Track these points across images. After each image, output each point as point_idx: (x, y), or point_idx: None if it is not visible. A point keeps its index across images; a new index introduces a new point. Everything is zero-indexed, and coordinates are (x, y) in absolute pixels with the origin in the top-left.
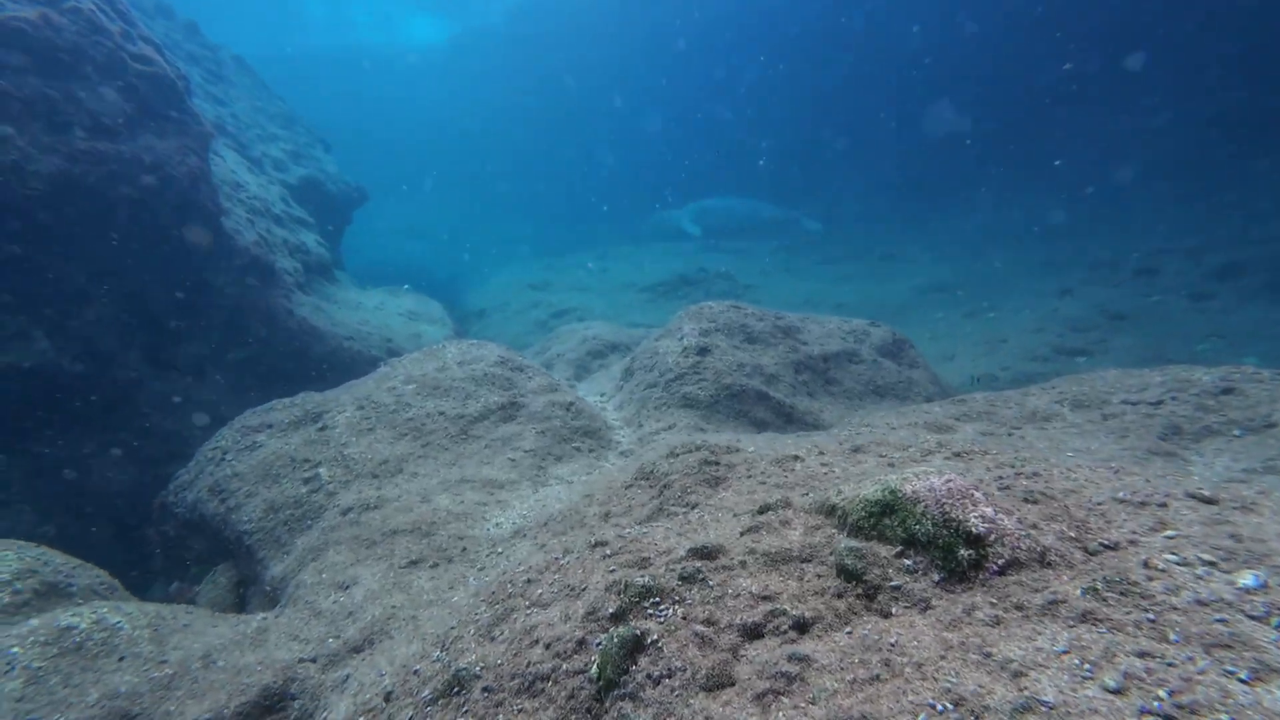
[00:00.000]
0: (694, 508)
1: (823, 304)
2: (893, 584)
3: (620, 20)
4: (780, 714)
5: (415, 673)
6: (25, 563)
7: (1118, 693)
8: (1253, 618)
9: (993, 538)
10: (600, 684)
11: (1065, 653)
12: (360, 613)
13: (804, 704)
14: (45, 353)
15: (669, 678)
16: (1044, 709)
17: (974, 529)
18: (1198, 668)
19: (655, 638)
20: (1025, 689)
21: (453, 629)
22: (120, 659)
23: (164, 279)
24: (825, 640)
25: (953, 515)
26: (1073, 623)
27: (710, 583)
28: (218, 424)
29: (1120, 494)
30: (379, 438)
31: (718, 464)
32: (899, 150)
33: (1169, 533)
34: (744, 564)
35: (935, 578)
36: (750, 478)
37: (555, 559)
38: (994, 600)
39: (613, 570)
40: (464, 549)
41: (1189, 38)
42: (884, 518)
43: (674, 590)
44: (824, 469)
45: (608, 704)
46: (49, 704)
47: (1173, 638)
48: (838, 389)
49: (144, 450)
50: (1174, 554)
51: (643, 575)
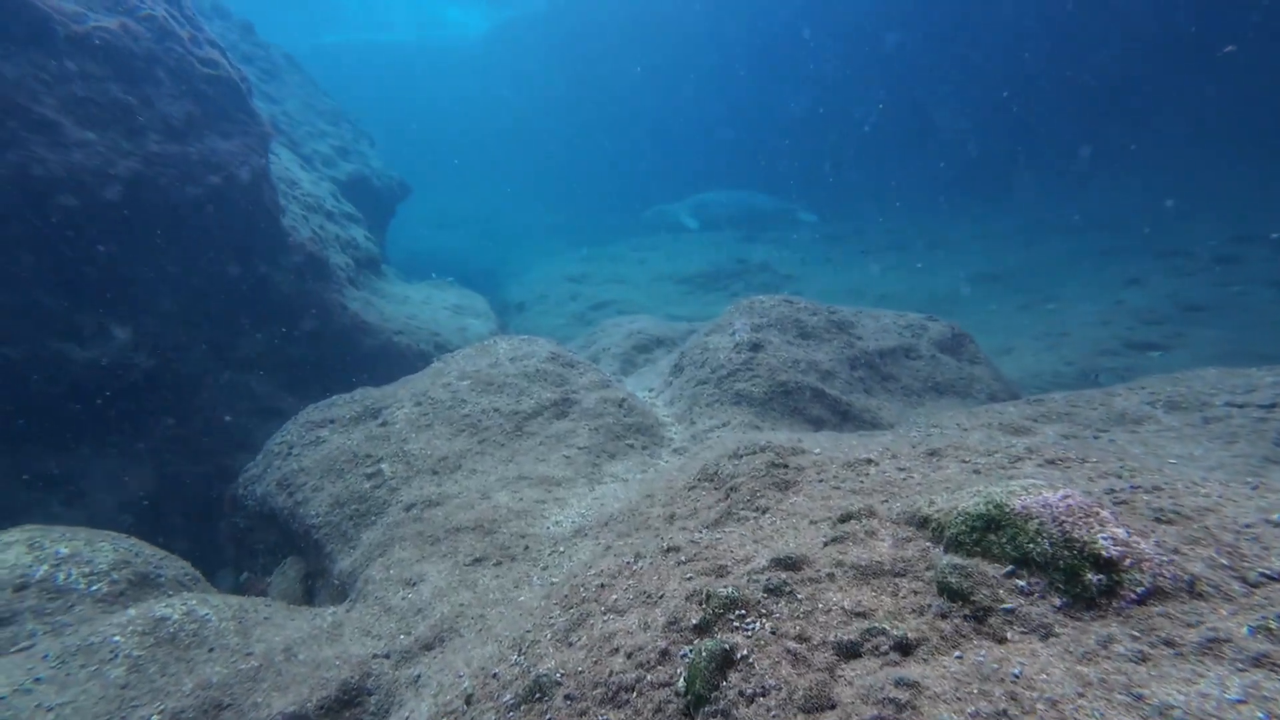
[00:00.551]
0: (764, 512)
1: (866, 295)
2: (1005, 606)
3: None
4: None
5: (494, 676)
6: (120, 554)
7: None
8: None
9: (1128, 562)
10: (689, 698)
11: (1241, 702)
12: (429, 610)
13: None
14: (122, 348)
15: (763, 696)
16: None
17: (1104, 552)
18: None
19: (745, 652)
20: None
21: (528, 632)
22: (210, 650)
23: (226, 275)
24: (933, 665)
25: (1075, 535)
26: (1243, 666)
27: (798, 596)
28: (275, 416)
29: (1275, 515)
30: (437, 434)
31: (785, 466)
32: (954, 137)
33: None
34: (832, 576)
35: (1056, 602)
36: (822, 482)
37: (627, 563)
38: (1135, 633)
39: (689, 578)
40: (526, 547)
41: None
42: (988, 533)
43: (760, 603)
44: (901, 474)
45: None
46: (149, 691)
47: None
48: (895, 386)
49: (209, 441)
50: None
51: (725, 586)
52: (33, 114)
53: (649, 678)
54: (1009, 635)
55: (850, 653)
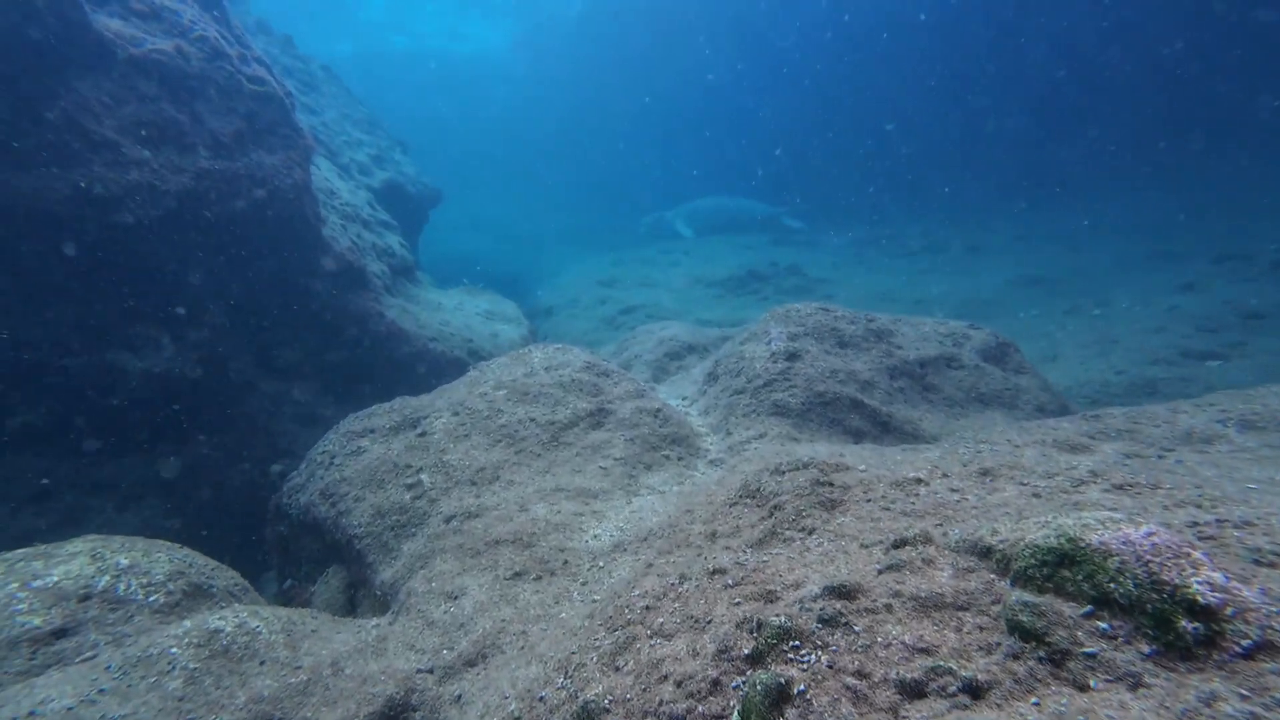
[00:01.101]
0: (811, 533)
1: (902, 300)
2: (1086, 650)
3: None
4: None
5: (541, 699)
6: (175, 564)
7: None
8: None
9: (1229, 611)
10: None
11: None
12: (471, 625)
13: None
14: (171, 359)
15: None
16: None
17: (1200, 598)
18: None
19: (802, 687)
20: None
21: (573, 654)
22: (261, 663)
23: (269, 286)
24: (1008, 711)
25: (1165, 578)
26: None
27: (855, 628)
28: (314, 424)
29: None
30: (475, 444)
31: (831, 484)
32: (1006, 141)
33: None
34: (889, 608)
35: (1145, 649)
36: (870, 502)
37: (672, 584)
38: (1244, 691)
39: (737, 603)
40: (565, 561)
41: None
42: (1061, 569)
43: (815, 634)
44: (954, 496)
45: None
46: (205, 704)
47: None
48: (937, 396)
49: (253, 449)
50: None
51: (777, 615)
52: (94, 135)
53: (700, 709)
54: (1092, 683)
55: (915, 692)
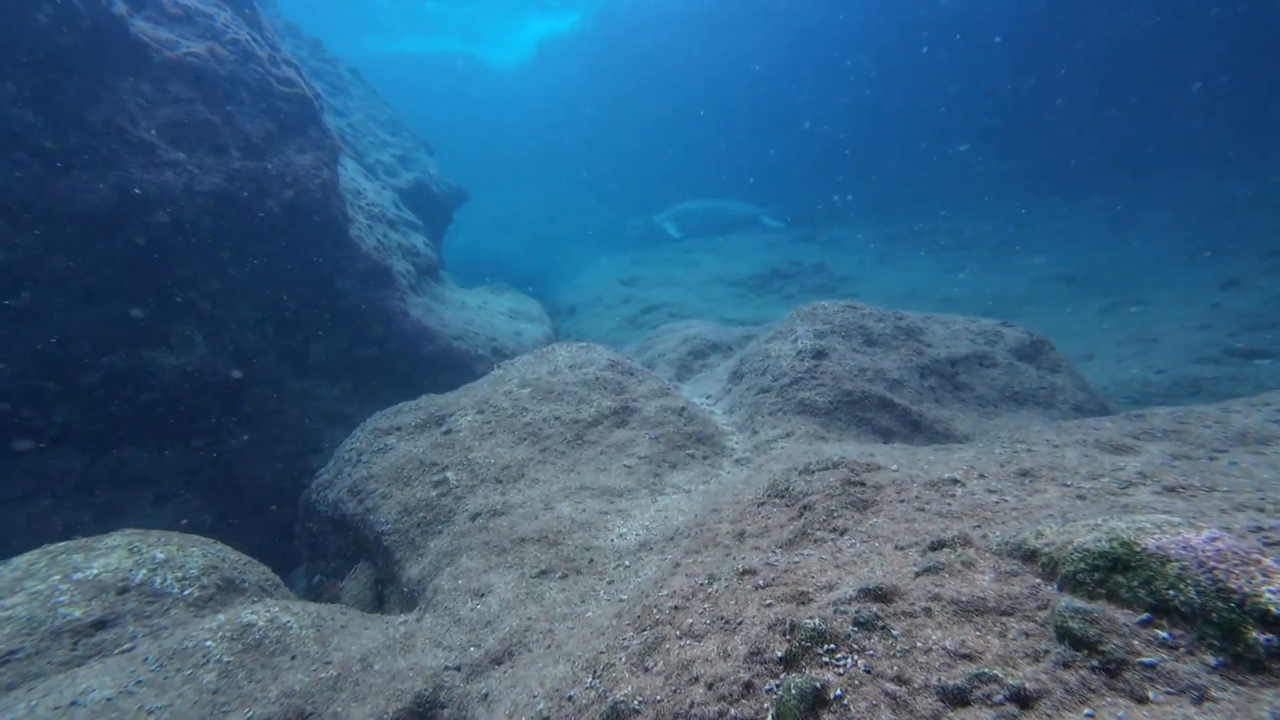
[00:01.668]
0: (842, 534)
1: (929, 297)
2: (1144, 660)
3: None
4: None
5: (569, 699)
6: (208, 559)
7: None
8: None
9: None
10: None
11: None
12: (498, 622)
13: None
14: (204, 356)
15: None
16: None
17: (1275, 609)
18: None
19: (839, 692)
20: None
21: (601, 654)
22: (292, 657)
23: (298, 285)
24: None
25: (1231, 585)
26: None
27: (893, 632)
28: (342, 421)
29: None
30: (500, 442)
31: (863, 484)
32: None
33: None
34: (928, 611)
35: (1210, 661)
36: (903, 503)
37: (701, 585)
38: None
39: (769, 604)
40: (591, 560)
41: None
42: (1113, 574)
43: (850, 637)
44: (993, 497)
45: None
46: (238, 697)
47: None
48: (969, 395)
49: (283, 446)
50: None
51: (811, 617)
52: (130, 136)
53: (733, 712)
54: (1150, 695)
55: (958, 700)
